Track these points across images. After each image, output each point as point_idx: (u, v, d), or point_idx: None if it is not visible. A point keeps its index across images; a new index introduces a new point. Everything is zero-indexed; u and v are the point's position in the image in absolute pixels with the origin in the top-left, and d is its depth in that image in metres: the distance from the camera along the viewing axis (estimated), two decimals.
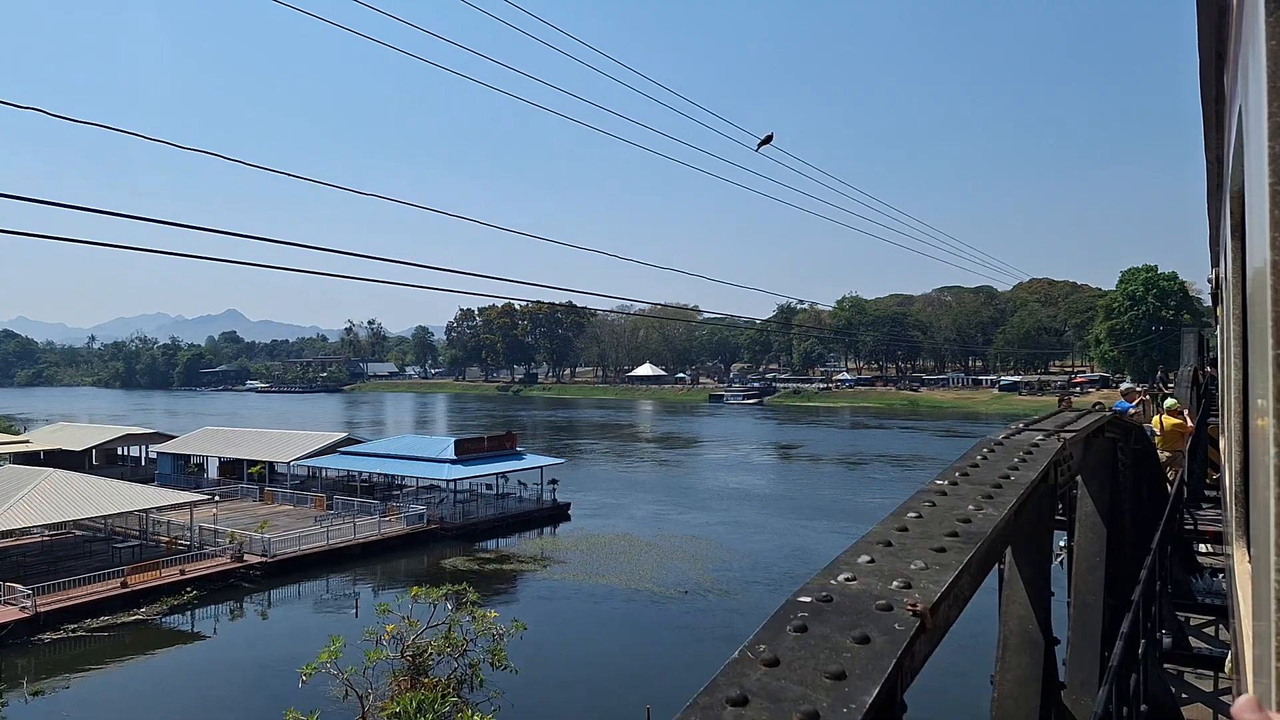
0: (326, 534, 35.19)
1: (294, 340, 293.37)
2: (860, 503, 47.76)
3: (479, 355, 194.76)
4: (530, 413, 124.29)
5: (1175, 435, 12.80)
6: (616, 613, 28.15)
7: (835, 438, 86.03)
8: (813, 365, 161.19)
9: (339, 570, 34.70)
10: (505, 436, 45.70)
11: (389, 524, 38.03)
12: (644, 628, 26.81)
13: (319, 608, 30.18)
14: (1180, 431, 12.81)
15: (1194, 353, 34.15)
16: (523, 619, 20.76)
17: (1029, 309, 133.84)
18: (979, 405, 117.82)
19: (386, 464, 42.96)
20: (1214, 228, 8.94)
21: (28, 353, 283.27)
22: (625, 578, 32.02)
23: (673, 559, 34.90)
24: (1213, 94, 4.15)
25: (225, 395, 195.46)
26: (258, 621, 29.74)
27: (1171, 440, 12.78)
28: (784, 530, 41.18)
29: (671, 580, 31.60)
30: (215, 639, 27.80)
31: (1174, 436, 12.79)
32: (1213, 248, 10.98)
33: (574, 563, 34.76)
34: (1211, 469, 13.10)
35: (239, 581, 32.51)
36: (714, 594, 29.88)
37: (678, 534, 39.65)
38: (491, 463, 43.33)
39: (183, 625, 28.82)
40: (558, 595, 30.44)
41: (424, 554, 37.36)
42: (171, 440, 54.38)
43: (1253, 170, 1.82)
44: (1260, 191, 1.58)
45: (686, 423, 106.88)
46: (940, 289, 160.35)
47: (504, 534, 40.82)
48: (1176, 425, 12.85)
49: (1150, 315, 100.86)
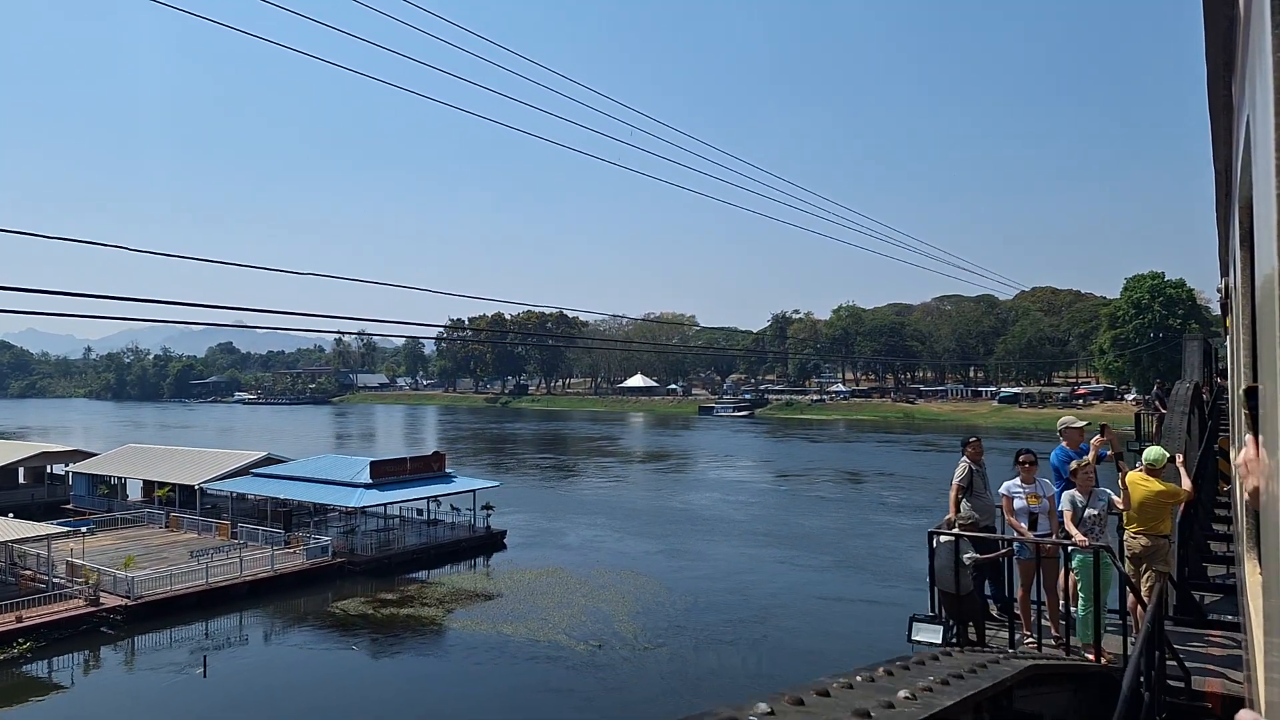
0: (206, 571, 30.82)
1: (291, 351, 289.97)
2: (820, 528, 43.38)
3: (469, 366, 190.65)
4: (509, 426, 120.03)
5: (1156, 507, 8.25)
6: (509, 675, 23.71)
7: (817, 453, 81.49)
8: (808, 376, 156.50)
9: (222, 612, 30.38)
10: (432, 457, 41.36)
11: (286, 558, 33.70)
12: (533, 692, 22.41)
13: (163, 665, 25.72)
14: (1165, 501, 8.27)
15: (1198, 364, 29.32)
16: (394, 682, 16.47)
17: (1031, 318, 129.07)
18: (977, 418, 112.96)
19: (293, 488, 38.67)
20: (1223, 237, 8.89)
21: (22, 364, 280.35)
22: (538, 625, 27.60)
23: (600, 599, 30.49)
24: (1220, 104, 4.12)
25: (213, 407, 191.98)
26: (97, 680, 25.34)
27: (1151, 515, 8.25)
28: (731, 561, 36.78)
29: (590, 629, 27.17)
30: (19, 710, 23.34)
31: (1154, 509, 8.25)
32: (1222, 257, 10.78)
33: (487, 606, 30.38)
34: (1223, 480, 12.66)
35: (97, 628, 28.24)
36: (631, 648, 25.42)
37: (614, 567, 35.23)
38: (413, 486, 38.99)
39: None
40: (452, 648, 26.05)
41: (327, 592, 33.01)
42: (90, 458, 50.25)
43: (1260, 180, 1.81)
44: (1268, 202, 1.59)
45: (668, 436, 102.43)
46: (940, 297, 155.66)
47: (424, 567, 36.43)
48: (1161, 493, 8.23)
49: (1156, 324, 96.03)
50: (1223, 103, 4.03)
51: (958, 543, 8.11)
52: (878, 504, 50.37)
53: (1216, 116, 4.42)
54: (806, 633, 27.44)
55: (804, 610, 29.77)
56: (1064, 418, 9.30)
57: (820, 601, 30.70)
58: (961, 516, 8.76)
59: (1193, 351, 30.08)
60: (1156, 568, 8.12)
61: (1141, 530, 8.27)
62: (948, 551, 8.18)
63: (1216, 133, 4.75)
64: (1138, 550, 8.25)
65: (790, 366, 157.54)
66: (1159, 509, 8.25)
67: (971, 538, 8.34)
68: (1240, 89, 2.82)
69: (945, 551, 8.23)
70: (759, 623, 28.23)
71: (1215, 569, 10.86)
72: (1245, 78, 2.43)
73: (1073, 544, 7.93)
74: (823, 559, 37.11)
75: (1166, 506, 8.31)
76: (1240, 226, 3.79)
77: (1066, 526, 8.13)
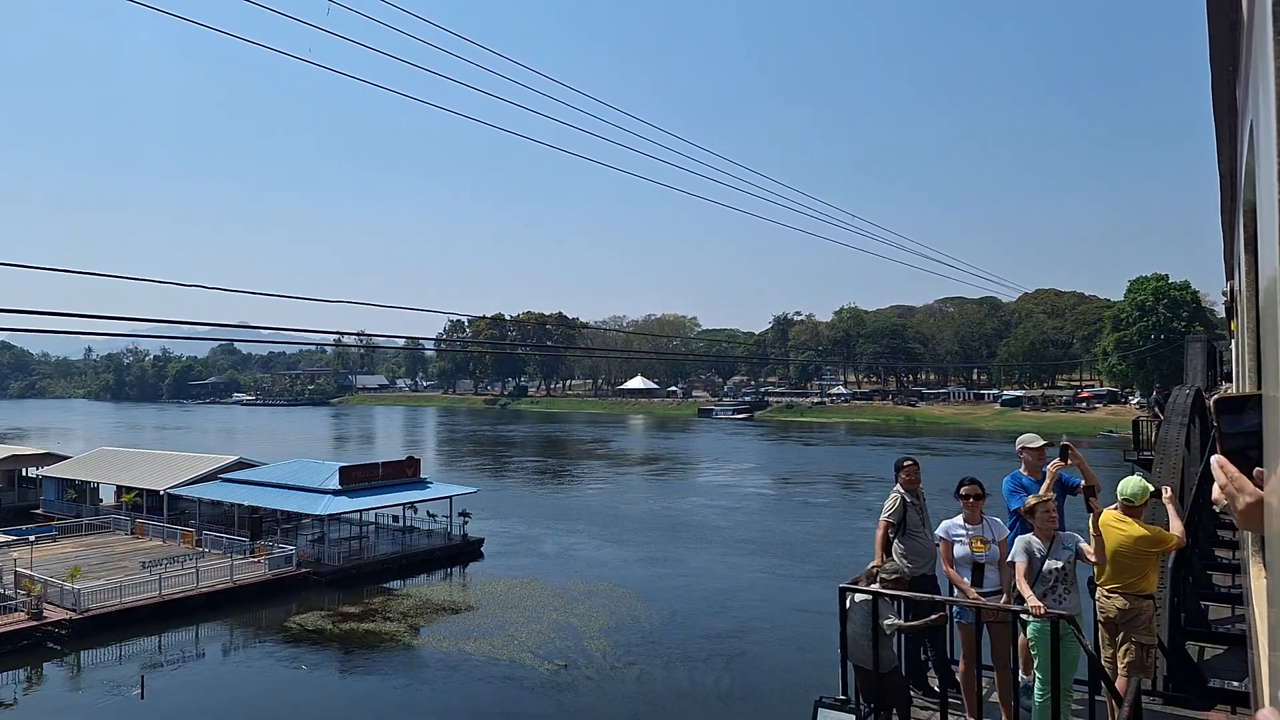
0: (159, 582, 29.44)
1: (293, 353, 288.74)
2: (805, 535, 41.94)
3: (469, 368, 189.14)
4: (507, 428, 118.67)
5: (1136, 558, 6.25)
6: (457, 697, 22.26)
7: (810, 457, 79.96)
8: (810, 378, 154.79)
9: (176, 626, 28.98)
10: (406, 462, 39.93)
11: (248, 567, 32.30)
12: (480, 716, 20.95)
13: (104, 684, 24.27)
14: (1148, 551, 6.28)
15: (1201, 367, 27.66)
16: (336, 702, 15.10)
17: (1034, 320, 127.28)
18: (979, 422, 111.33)
19: (259, 493, 37.24)
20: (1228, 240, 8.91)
21: (22, 364, 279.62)
22: (502, 642, 26.15)
23: (573, 614, 29.03)
24: (1224, 107, 4.10)
25: (210, 408, 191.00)
26: (34, 701, 23.93)
27: (1129, 568, 6.27)
28: (712, 570, 35.34)
29: (557, 646, 25.71)
30: None
31: (1134, 561, 6.26)
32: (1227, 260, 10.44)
33: (452, 620, 28.95)
34: None
35: (42, 643, 26.87)
36: (597, 667, 23.96)
37: (592, 577, 33.79)
38: (385, 493, 37.55)
39: None
40: (404, 667, 24.60)
41: (290, 604, 31.58)
42: (62, 462, 48.94)
43: (1264, 184, 1.80)
44: (1271, 206, 1.57)
45: (664, 439, 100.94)
46: (943, 300, 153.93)
47: (395, 577, 35.03)
48: (1142, 540, 6.24)
49: (1160, 326, 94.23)
50: (1227, 106, 3.99)
51: (877, 603, 6.18)
52: (864, 510, 48.84)
53: (1221, 120, 4.40)
54: (783, 648, 25.98)
55: (783, 623, 28.31)
56: (1022, 435, 7.26)
57: (800, 614, 29.20)
58: (885, 571, 6.69)
59: (1195, 354, 28.31)
60: (1138, 638, 6.15)
61: (1118, 588, 6.25)
62: (864, 615, 6.26)
63: (1221, 136, 4.73)
64: (1113, 615, 6.26)
65: (791, 369, 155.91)
66: (1140, 560, 6.20)
67: (896, 597, 6.38)
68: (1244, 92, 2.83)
69: (861, 615, 6.31)
70: (735, 637, 26.77)
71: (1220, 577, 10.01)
72: (1249, 81, 2.44)
73: (1024, 610, 5.88)
74: (806, 568, 35.65)
75: (1151, 557, 6.25)
76: (1245, 230, 3.75)
77: (1018, 585, 6.09)
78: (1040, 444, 7.03)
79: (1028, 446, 7.08)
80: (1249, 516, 1.58)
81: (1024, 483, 6.91)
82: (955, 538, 6.77)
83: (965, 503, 6.85)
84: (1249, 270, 4.01)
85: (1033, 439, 7.11)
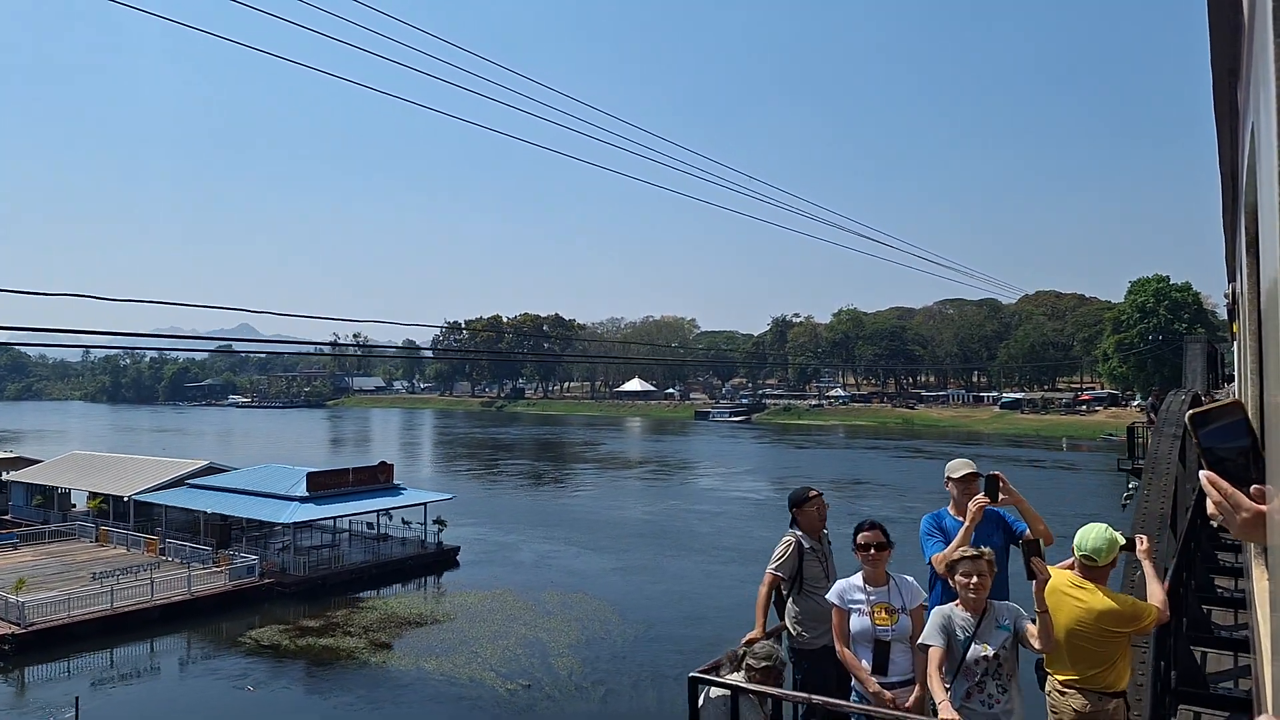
0: (111, 594, 28.16)
1: (291, 354, 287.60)
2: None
3: (466, 369, 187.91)
4: (501, 431, 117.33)
5: (1100, 642, 4.16)
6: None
7: (803, 460, 78.64)
8: (808, 381, 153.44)
9: (129, 640, 27.68)
10: (378, 467, 38.64)
11: (209, 578, 31.02)
12: None
13: (42, 706, 22.98)
14: (1115, 632, 4.17)
15: (1201, 369, 26.26)
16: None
17: (1034, 322, 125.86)
18: (978, 424, 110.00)
19: (225, 500, 35.96)
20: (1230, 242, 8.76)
21: (19, 367, 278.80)
22: (464, 659, 24.86)
23: (542, 628, 27.74)
24: (1226, 109, 4.09)
25: (205, 410, 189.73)
26: None
27: (1090, 656, 4.17)
28: (690, 579, 34.08)
29: (522, 664, 24.42)
30: None
31: (1096, 645, 4.17)
32: (1229, 262, 10.32)
33: (416, 635, 27.64)
34: None
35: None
36: (561, 687, 22.67)
37: (566, 587, 32.50)
38: (355, 500, 36.28)
39: None
40: (355, 687, 23.28)
41: (252, 616, 30.27)
42: (31, 466, 47.72)
43: (1266, 186, 1.80)
44: (1272, 208, 1.56)
45: (658, 443, 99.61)
46: (942, 301, 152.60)
47: (364, 588, 33.73)
48: (1107, 616, 4.14)
49: (1161, 328, 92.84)
50: (1228, 107, 3.99)
51: (736, 700, 4.25)
52: (847, 514, 47.49)
53: (1222, 121, 4.39)
54: None
55: None
56: (951, 461, 5.26)
57: None
58: (753, 653, 4.78)
59: (1194, 355, 26.89)
60: None
61: (1073, 681, 4.20)
62: (721, 714, 4.40)
63: (1222, 137, 4.72)
64: (1068, 719, 4.21)
65: (790, 371, 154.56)
66: (1105, 645, 4.17)
67: (763, 694, 4.41)
68: (1245, 94, 2.80)
69: (717, 713, 4.47)
70: (709, 652, 25.14)
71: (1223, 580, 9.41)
72: (1250, 83, 2.46)
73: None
74: None
75: (1120, 640, 4.21)
76: (1246, 232, 3.81)
77: (929, 682, 4.27)
78: (965, 472, 5.12)
79: (951, 477, 5.17)
80: (1247, 530, 1.58)
81: (946, 524, 5.06)
82: (851, 604, 4.85)
83: (864, 556, 4.93)
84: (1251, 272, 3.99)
85: (959, 466, 5.20)
